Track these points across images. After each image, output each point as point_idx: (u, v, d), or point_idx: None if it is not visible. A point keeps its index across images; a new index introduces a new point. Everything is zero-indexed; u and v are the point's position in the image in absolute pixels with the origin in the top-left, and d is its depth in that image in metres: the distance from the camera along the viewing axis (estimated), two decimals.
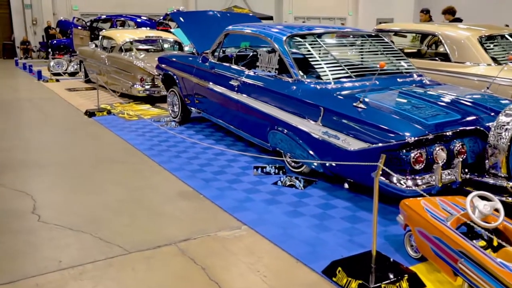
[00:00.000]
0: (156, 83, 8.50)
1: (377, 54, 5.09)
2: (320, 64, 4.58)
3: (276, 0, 26.08)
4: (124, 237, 3.30)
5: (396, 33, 7.39)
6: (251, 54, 6.27)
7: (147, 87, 8.54)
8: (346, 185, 4.03)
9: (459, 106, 3.96)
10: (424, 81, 4.80)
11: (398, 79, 4.72)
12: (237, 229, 3.43)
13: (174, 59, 6.88)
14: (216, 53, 5.97)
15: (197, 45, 6.55)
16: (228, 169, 4.80)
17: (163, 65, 7.15)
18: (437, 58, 6.48)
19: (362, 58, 5.04)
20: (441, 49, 7.90)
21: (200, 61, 6.12)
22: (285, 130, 4.49)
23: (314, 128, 4.11)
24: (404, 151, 3.43)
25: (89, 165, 4.99)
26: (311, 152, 4.18)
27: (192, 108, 6.53)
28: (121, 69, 8.96)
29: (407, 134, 3.41)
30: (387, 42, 5.29)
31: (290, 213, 3.68)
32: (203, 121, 7.00)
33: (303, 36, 4.99)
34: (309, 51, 4.78)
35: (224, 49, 6.09)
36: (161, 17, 15.12)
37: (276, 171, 4.73)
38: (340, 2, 27.72)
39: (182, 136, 6.04)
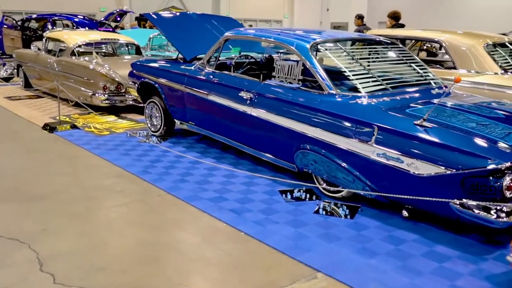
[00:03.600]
0: (122, 91, 7.59)
1: (402, 63, 4.70)
2: (354, 75, 4.12)
3: (213, 1, 25.42)
4: None
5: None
6: (252, 61, 5.68)
7: (111, 96, 7.61)
8: (406, 213, 3.58)
9: None
10: (452, 92, 4.49)
11: (431, 91, 4.37)
12: (314, 278, 2.85)
13: (155, 66, 6.08)
14: (212, 61, 5.31)
15: (183, 51, 5.83)
16: (252, 195, 4.17)
17: (139, 72, 6.32)
18: (438, 66, 6.28)
19: (389, 68, 4.61)
20: (422, 54, 7.78)
21: (195, 69, 5.41)
22: (322, 150, 3.96)
23: (365, 149, 3.62)
24: (494, 177, 3.03)
25: (82, 197, 4.13)
26: (360, 176, 3.69)
27: (180, 122, 5.78)
28: (78, 75, 7.92)
29: (498, 158, 3.02)
30: (408, 51, 4.93)
31: (361, 252, 3.15)
32: (189, 134, 6.27)
33: (327, 44, 4.50)
34: (337, 60, 4.30)
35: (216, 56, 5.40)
36: (103, 17, 13.95)
37: (308, 195, 4.18)
38: (277, 4, 27.70)
39: (176, 152, 5.30)
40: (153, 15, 6.49)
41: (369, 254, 3.12)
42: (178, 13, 6.79)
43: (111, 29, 13.62)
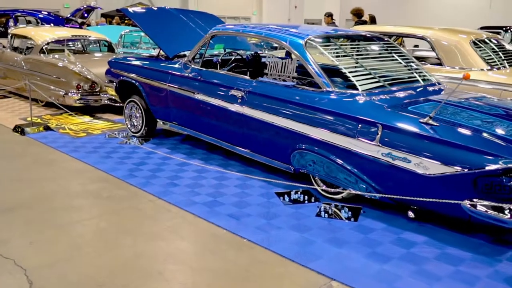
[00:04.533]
0: (96, 90, 7.24)
1: (395, 60, 4.60)
2: (350, 72, 3.98)
3: None
4: None
5: None
6: (238, 58, 5.49)
7: (84, 95, 7.23)
8: (412, 214, 3.47)
9: None
10: (447, 89, 4.43)
11: (427, 88, 4.29)
12: None
13: (135, 63, 5.80)
14: (198, 58, 5.09)
15: (165, 48, 5.56)
16: (248, 198, 3.99)
17: (117, 70, 6.02)
18: (423, 62, 6.25)
19: (383, 65, 4.49)
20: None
21: (180, 67, 5.17)
22: (321, 150, 3.81)
23: (368, 149, 3.49)
24: (508, 176, 2.95)
25: (69, 205, 3.85)
26: (364, 177, 3.56)
27: (163, 121, 5.53)
28: (48, 74, 7.51)
29: (511, 157, 2.94)
30: (400, 48, 4.84)
31: (372, 256, 3.02)
32: (171, 134, 6.03)
33: (323, 40, 4.36)
34: (332, 57, 4.17)
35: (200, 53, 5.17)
36: (70, 14, 13.41)
37: (306, 197, 4.03)
38: (245, 1, 27.47)
39: (161, 153, 5.05)
40: (130, 10, 6.19)
41: (382, 259, 2.99)
42: (156, 8, 6.49)
43: (77, 26, 13.10)
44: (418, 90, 4.16)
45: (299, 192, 4.13)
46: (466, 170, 3.02)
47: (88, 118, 7.10)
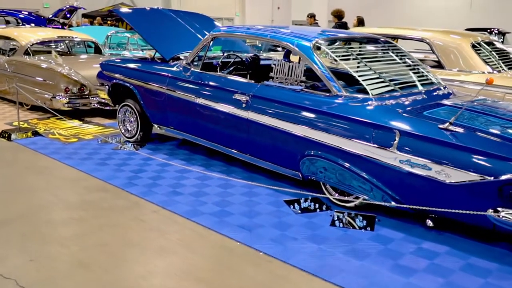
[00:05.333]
0: (86, 93, 6.97)
1: (402, 63, 4.48)
2: (360, 76, 3.85)
3: None
4: None
5: None
6: (238, 60, 5.32)
7: (72, 98, 6.96)
8: (430, 223, 3.35)
9: None
10: (454, 93, 4.35)
11: (438, 92, 4.19)
12: None
13: (129, 66, 5.57)
14: (197, 61, 4.90)
15: (161, 50, 5.36)
16: (257, 207, 3.83)
17: (110, 73, 5.79)
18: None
19: (391, 68, 4.36)
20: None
21: (178, 70, 4.97)
22: (333, 157, 3.67)
23: (385, 156, 3.36)
24: None
25: (68, 217, 3.62)
26: (380, 184, 3.43)
27: (159, 126, 5.32)
28: (34, 77, 7.22)
29: None
30: (405, 51, 4.73)
31: (396, 269, 2.89)
32: (167, 139, 5.82)
33: (330, 43, 4.23)
34: (341, 60, 4.03)
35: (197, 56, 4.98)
36: (52, 14, 13.04)
37: (317, 205, 3.89)
38: (228, 2, 27.28)
39: (159, 160, 4.84)
40: (123, 11, 5.98)
41: (407, 272, 2.86)
42: (148, 8, 6.28)
43: (60, 26, 12.75)
44: (428, 94, 4.06)
45: (308, 200, 3.98)
46: (491, 178, 2.91)
47: (78, 123, 6.83)
